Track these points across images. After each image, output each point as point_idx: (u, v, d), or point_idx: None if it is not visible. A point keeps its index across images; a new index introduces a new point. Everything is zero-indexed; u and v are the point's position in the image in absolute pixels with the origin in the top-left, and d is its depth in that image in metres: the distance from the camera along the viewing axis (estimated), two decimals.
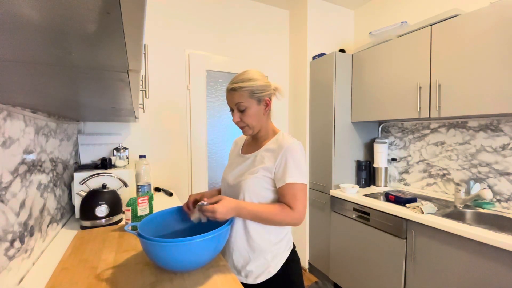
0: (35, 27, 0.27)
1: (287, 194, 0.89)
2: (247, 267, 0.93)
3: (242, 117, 0.93)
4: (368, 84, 2.01)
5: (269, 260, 0.93)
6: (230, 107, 0.96)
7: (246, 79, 0.92)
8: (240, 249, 0.94)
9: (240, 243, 0.94)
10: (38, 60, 0.38)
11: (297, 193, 0.88)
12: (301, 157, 0.93)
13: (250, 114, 0.93)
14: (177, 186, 2.15)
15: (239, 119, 0.93)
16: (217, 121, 2.28)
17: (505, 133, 1.53)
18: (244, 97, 0.91)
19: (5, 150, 0.80)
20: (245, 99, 0.91)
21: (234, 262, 0.95)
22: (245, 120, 0.93)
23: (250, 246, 0.93)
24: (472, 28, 1.39)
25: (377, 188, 2.11)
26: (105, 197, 1.30)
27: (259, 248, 0.92)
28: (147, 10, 0.26)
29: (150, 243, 0.75)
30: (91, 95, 0.70)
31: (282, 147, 0.92)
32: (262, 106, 0.95)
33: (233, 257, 0.95)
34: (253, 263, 0.92)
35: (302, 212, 0.89)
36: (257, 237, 0.92)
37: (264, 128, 0.99)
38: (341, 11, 2.47)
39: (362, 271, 1.78)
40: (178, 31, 2.11)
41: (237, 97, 0.91)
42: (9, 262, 0.79)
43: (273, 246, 0.94)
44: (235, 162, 1.04)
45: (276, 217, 0.87)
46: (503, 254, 1.11)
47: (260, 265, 0.92)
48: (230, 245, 0.95)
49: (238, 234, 0.94)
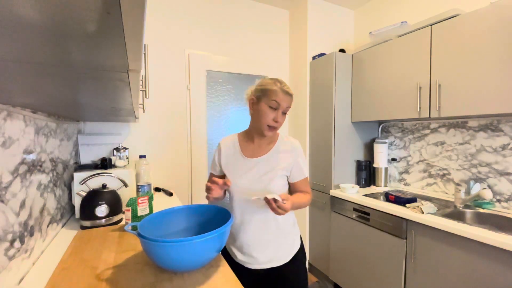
0: (35, 27, 0.27)
1: (305, 185, 1.08)
2: (277, 253, 1.04)
3: (281, 119, 1.01)
4: (368, 84, 2.01)
5: (290, 244, 1.08)
6: (276, 107, 0.99)
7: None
8: (270, 239, 1.03)
9: (270, 232, 1.03)
10: (38, 60, 0.38)
11: (307, 182, 1.10)
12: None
13: (284, 118, 1.02)
14: (177, 186, 2.15)
15: (281, 120, 1.01)
16: (217, 121, 2.28)
17: (505, 133, 1.53)
18: (291, 100, 1.02)
19: (5, 150, 0.80)
20: (290, 104, 1.02)
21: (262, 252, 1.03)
22: (281, 123, 1.02)
23: (279, 231, 1.04)
24: (472, 28, 1.39)
25: (377, 188, 2.10)
26: (105, 197, 1.30)
27: (284, 232, 1.06)
28: (147, 10, 0.26)
29: (150, 243, 0.75)
30: (91, 95, 0.70)
31: (295, 148, 1.08)
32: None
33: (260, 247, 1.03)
34: (280, 248, 1.05)
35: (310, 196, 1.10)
36: (283, 221, 1.05)
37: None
38: (341, 11, 2.47)
39: (362, 271, 1.78)
40: (178, 31, 2.11)
41: (290, 102, 1.02)
42: (9, 262, 0.79)
43: (292, 228, 1.10)
44: (241, 166, 1.06)
45: (307, 202, 1.06)
46: (503, 254, 1.11)
47: (286, 248, 1.06)
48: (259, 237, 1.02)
49: (269, 224, 1.03)
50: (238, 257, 1.05)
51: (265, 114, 0.99)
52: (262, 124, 1.00)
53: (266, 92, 0.99)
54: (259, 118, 1.01)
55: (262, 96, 1.00)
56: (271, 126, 1.00)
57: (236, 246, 1.06)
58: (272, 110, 0.99)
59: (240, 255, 1.05)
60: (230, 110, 2.33)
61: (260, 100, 1.00)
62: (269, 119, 0.99)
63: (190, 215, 1.07)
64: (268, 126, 1.00)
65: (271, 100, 0.98)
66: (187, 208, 1.08)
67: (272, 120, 0.99)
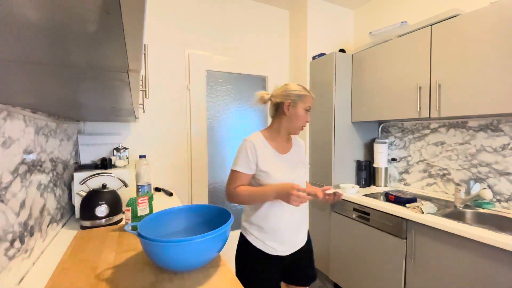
0: (35, 27, 0.27)
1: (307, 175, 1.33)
2: (304, 236, 1.21)
3: (308, 117, 1.18)
4: (368, 84, 2.01)
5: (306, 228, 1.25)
6: (309, 109, 1.17)
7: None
8: (304, 224, 1.21)
9: (305, 220, 1.22)
10: (38, 60, 0.38)
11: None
12: None
13: None
14: (177, 186, 2.15)
15: (308, 121, 1.18)
16: (217, 121, 2.28)
17: (505, 133, 1.53)
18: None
19: (5, 150, 0.80)
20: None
21: (298, 238, 1.18)
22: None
23: (304, 217, 1.22)
24: (472, 28, 1.39)
25: (377, 188, 2.10)
26: (105, 197, 1.30)
27: (306, 217, 1.24)
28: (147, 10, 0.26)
29: (150, 243, 0.75)
30: (91, 95, 0.70)
31: (302, 145, 1.29)
32: None
33: (298, 232, 1.18)
34: (304, 231, 1.22)
35: None
36: (304, 208, 1.22)
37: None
38: (341, 11, 2.47)
39: (362, 271, 1.78)
40: (178, 31, 2.11)
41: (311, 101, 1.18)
42: (9, 262, 0.79)
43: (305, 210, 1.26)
44: (278, 161, 1.15)
45: None
46: (503, 254, 1.11)
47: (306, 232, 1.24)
48: (297, 224, 1.17)
49: (304, 213, 1.21)
50: (277, 249, 1.12)
51: (301, 117, 1.14)
52: (298, 124, 1.15)
53: (302, 98, 1.13)
54: (295, 119, 1.14)
55: (298, 101, 1.13)
56: (303, 126, 1.17)
57: (275, 239, 1.12)
58: (306, 112, 1.15)
59: (278, 246, 1.12)
60: (230, 110, 2.33)
61: (297, 104, 1.13)
62: (304, 120, 1.15)
63: (190, 215, 1.07)
64: (302, 126, 1.17)
65: (307, 104, 1.14)
66: (187, 208, 1.08)
67: (305, 121, 1.16)
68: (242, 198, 1.07)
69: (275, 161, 1.13)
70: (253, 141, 1.12)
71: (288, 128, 1.17)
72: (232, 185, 1.09)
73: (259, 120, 2.47)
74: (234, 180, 1.09)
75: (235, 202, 1.10)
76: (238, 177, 1.09)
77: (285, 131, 1.17)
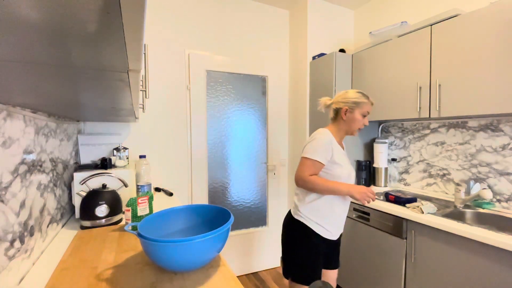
0: (35, 27, 0.27)
1: None
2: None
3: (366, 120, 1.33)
4: (368, 84, 2.01)
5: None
6: (365, 115, 1.31)
7: None
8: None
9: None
10: (38, 60, 0.38)
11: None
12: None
13: None
14: (177, 186, 2.16)
15: (367, 124, 1.34)
16: (217, 121, 2.28)
17: (505, 133, 1.53)
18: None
19: (5, 150, 0.80)
20: None
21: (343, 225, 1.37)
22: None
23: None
24: (472, 28, 1.39)
25: (377, 188, 2.11)
26: (105, 197, 1.30)
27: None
28: (147, 10, 0.26)
29: (150, 243, 0.75)
30: (91, 95, 0.70)
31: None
32: None
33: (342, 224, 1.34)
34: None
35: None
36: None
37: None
38: (341, 11, 2.47)
39: (362, 271, 1.78)
40: (178, 31, 2.11)
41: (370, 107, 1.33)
42: (9, 262, 0.79)
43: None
44: (345, 156, 1.34)
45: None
46: (503, 254, 1.11)
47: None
48: (343, 217, 1.32)
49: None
50: (333, 232, 1.29)
51: (358, 121, 1.29)
52: (355, 128, 1.31)
53: (360, 104, 1.28)
54: (352, 123, 1.30)
55: (356, 107, 1.28)
56: (360, 129, 1.33)
57: (334, 224, 1.29)
58: (363, 117, 1.30)
59: (335, 230, 1.30)
60: (230, 110, 2.33)
61: (354, 110, 1.29)
62: (361, 124, 1.30)
63: (190, 215, 1.07)
64: (359, 129, 1.32)
65: (364, 110, 1.29)
66: (187, 208, 1.08)
67: (362, 124, 1.31)
68: (316, 186, 1.21)
69: (343, 155, 1.32)
70: (332, 139, 1.28)
71: (346, 130, 1.33)
72: (307, 172, 1.22)
73: (259, 120, 2.47)
74: (309, 167, 1.23)
75: (307, 188, 1.24)
76: (314, 166, 1.23)
77: (343, 132, 1.34)
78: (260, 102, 2.47)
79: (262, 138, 2.50)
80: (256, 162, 2.48)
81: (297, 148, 2.49)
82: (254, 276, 2.35)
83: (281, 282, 2.24)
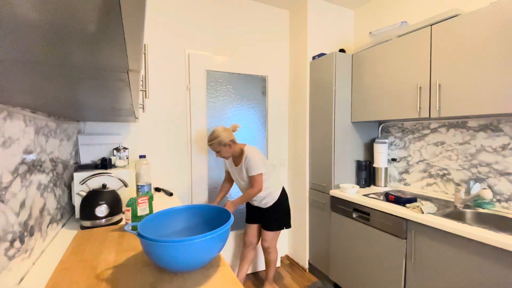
0: (35, 27, 0.27)
1: (251, 180, 1.79)
2: (264, 201, 1.90)
3: (217, 155, 1.79)
4: (368, 84, 2.01)
5: (270, 200, 1.90)
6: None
7: (213, 138, 1.72)
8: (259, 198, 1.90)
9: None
10: (38, 60, 0.38)
11: (255, 179, 1.77)
12: (255, 157, 1.76)
13: (223, 152, 1.76)
14: (177, 186, 2.16)
15: (218, 156, 1.80)
16: (217, 121, 2.28)
17: (505, 133, 1.53)
18: (214, 146, 1.74)
19: (5, 150, 0.80)
20: (216, 148, 1.74)
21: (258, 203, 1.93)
22: (221, 155, 1.78)
23: (263, 197, 1.89)
24: (472, 28, 1.39)
25: (377, 188, 2.11)
26: (105, 197, 1.30)
27: (265, 195, 1.88)
28: (147, 10, 0.26)
29: (150, 243, 0.75)
30: (91, 95, 0.70)
31: (245, 158, 1.77)
32: (228, 147, 1.75)
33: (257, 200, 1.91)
34: (266, 199, 1.90)
35: (259, 187, 1.78)
36: (263, 194, 1.88)
37: (236, 153, 1.82)
38: (341, 11, 2.47)
39: (362, 271, 1.78)
40: (178, 31, 2.11)
41: (212, 148, 1.75)
42: (9, 262, 0.79)
43: (268, 195, 1.89)
44: (235, 170, 1.86)
45: (248, 194, 1.80)
46: (503, 254, 1.11)
47: (270, 200, 1.90)
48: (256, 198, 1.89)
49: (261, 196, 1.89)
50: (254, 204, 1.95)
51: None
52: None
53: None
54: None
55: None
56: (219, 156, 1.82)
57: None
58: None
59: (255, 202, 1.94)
60: (230, 110, 2.33)
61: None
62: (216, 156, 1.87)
63: (190, 215, 1.07)
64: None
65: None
66: (187, 208, 1.08)
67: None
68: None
69: (232, 169, 1.89)
70: (257, 149, 1.85)
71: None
72: (261, 182, 1.79)
73: (259, 120, 2.47)
74: (261, 178, 1.78)
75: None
76: (261, 176, 1.78)
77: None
78: (260, 102, 2.47)
79: (262, 138, 2.50)
80: None
81: (297, 148, 2.49)
82: (254, 275, 2.35)
83: (281, 282, 2.24)
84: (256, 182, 1.76)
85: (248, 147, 1.81)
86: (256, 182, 1.76)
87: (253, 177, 1.76)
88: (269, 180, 1.86)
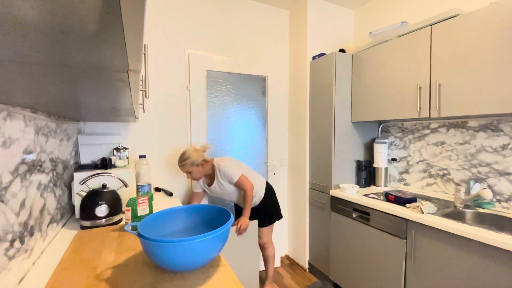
0: (35, 27, 0.27)
1: (238, 185, 1.80)
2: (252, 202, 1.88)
3: (189, 176, 1.75)
4: (368, 84, 2.01)
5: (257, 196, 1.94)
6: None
7: (185, 159, 1.70)
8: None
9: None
10: (38, 60, 0.38)
11: (241, 181, 1.78)
12: (228, 164, 1.80)
13: (194, 173, 1.75)
14: (177, 186, 2.16)
15: (189, 177, 1.76)
16: (217, 121, 2.28)
17: (505, 133, 1.53)
18: (186, 167, 1.71)
19: (5, 150, 0.80)
20: (188, 169, 1.72)
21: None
22: (192, 176, 1.75)
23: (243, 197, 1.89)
24: (472, 28, 1.39)
25: (377, 188, 2.11)
26: (105, 197, 1.30)
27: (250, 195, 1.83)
28: (147, 10, 0.26)
29: (150, 243, 0.75)
30: (91, 95, 0.70)
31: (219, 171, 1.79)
32: (200, 167, 1.74)
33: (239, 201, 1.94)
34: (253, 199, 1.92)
35: (250, 185, 1.79)
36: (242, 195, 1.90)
37: (208, 171, 1.81)
38: (341, 11, 2.47)
39: (362, 271, 1.78)
40: (178, 31, 2.11)
41: (184, 169, 1.72)
42: (9, 262, 0.79)
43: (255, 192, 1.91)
44: (213, 189, 1.85)
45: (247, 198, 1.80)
46: (503, 254, 1.11)
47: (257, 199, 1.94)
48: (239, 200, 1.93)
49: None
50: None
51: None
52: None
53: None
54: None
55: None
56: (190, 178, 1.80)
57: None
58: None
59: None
60: (230, 110, 2.33)
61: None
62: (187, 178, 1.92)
63: (190, 215, 1.07)
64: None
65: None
66: (187, 208, 1.08)
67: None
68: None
69: (206, 188, 1.92)
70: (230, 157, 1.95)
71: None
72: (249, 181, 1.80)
73: (259, 120, 2.47)
74: (247, 178, 1.80)
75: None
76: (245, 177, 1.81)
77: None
78: (260, 102, 2.47)
79: (262, 138, 2.50)
80: (256, 162, 2.48)
81: (297, 148, 2.49)
82: None
83: (281, 282, 2.24)
84: (244, 184, 1.77)
85: (217, 159, 1.82)
86: (244, 184, 1.77)
87: (238, 182, 1.77)
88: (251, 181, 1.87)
